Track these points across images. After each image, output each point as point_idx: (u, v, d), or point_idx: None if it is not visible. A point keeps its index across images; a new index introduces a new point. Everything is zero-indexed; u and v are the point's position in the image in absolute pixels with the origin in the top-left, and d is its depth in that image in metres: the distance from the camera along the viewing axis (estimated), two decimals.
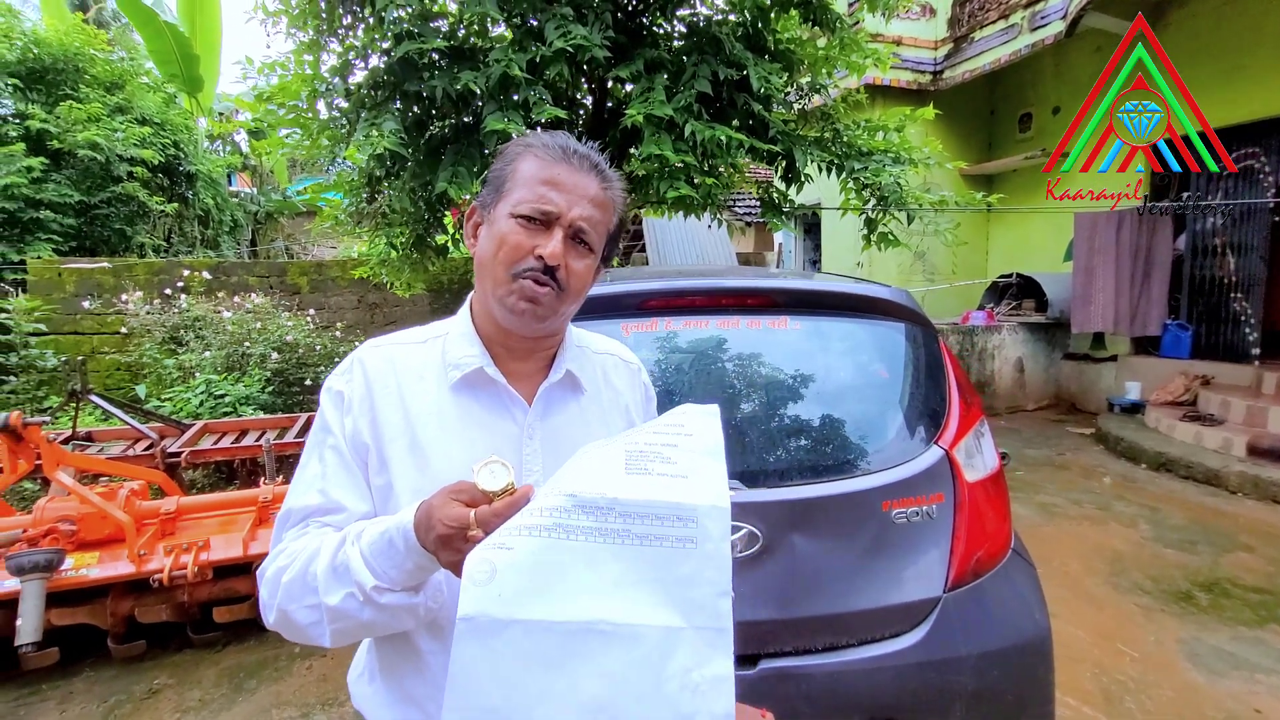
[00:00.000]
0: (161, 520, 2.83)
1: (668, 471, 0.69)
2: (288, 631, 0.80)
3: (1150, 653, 2.73)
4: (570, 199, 0.84)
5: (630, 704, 0.63)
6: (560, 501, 0.65)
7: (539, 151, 0.85)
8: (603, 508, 0.65)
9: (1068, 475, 5.15)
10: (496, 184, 0.87)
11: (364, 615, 0.74)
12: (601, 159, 0.89)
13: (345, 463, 0.84)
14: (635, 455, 0.71)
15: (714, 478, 0.69)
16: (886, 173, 4.43)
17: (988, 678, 1.40)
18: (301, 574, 0.77)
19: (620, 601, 0.64)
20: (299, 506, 0.84)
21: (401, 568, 0.73)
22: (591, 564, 0.64)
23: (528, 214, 0.83)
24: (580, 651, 0.63)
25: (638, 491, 0.66)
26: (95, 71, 10.19)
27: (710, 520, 0.66)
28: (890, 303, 1.64)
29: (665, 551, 0.65)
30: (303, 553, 0.79)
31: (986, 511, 1.50)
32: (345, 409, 0.86)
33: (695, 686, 0.63)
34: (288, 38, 4.18)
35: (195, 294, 7.27)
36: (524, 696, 0.62)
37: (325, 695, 2.54)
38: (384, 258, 6.27)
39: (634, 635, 0.63)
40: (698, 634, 0.65)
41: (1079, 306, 6.83)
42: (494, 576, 0.62)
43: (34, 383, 6.48)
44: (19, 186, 8.68)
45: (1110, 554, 3.69)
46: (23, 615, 2.34)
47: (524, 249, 0.83)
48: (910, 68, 8.30)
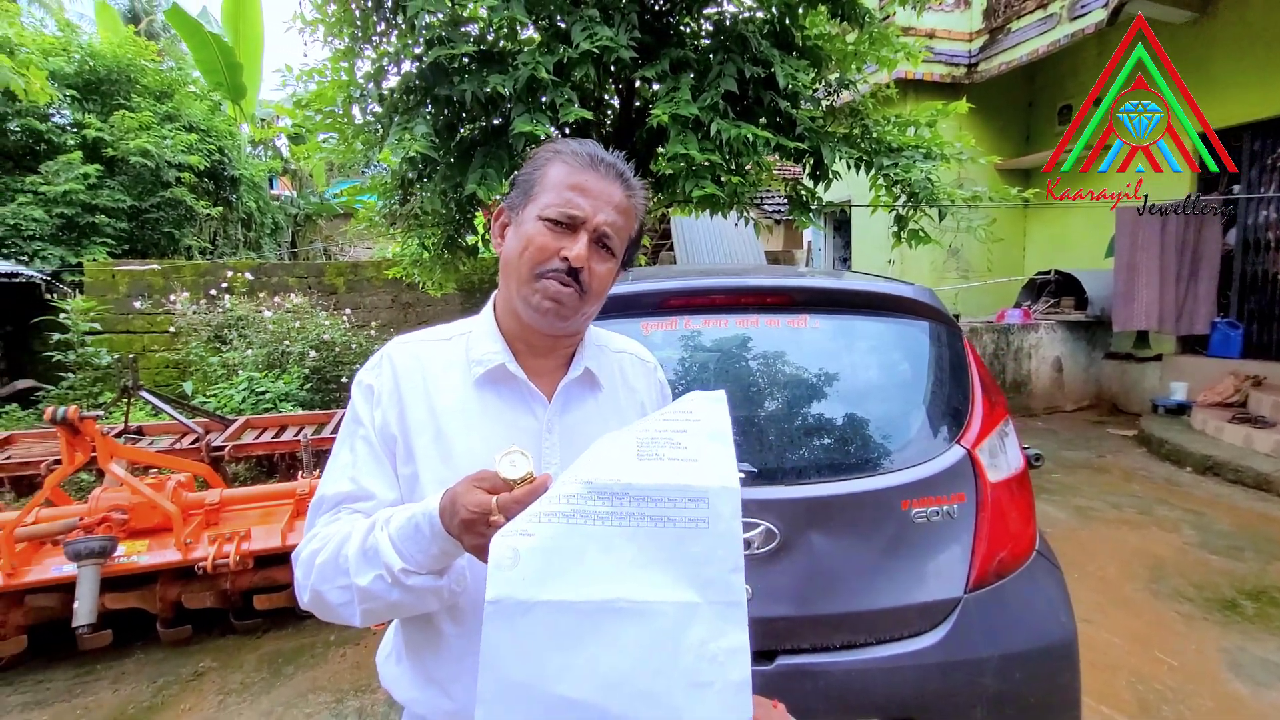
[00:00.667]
0: (206, 511, 2.96)
1: (678, 456, 0.72)
2: (320, 611, 0.85)
3: (1190, 662, 2.64)
4: (596, 204, 0.87)
5: (650, 676, 0.66)
6: (577, 489, 0.69)
7: (568, 158, 0.89)
8: (617, 493, 0.68)
9: (1107, 478, 4.99)
10: (525, 187, 0.91)
11: (392, 596, 0.78)
12: (627, 167, 0.92)
13: (375, 453, 0.89)
14: (646, 442, 0.74)
15: (723, 460, 0.72)
16: (917, 169, 4.36)
17: (1010, 680, 1.39)
18: (334, 556, 0.81)
19: (637, 581, 0.67)
20: (331, 494, 0.89)
21: (427, 552, 0.76)
22: (609, 546, 0.67)
23: (555, 217, 0.86)
24: (601, 628, 0.66)
25: (650, 476, 0.69)
26: (146, 81, 10.64)
27: (720, 501, 0.68)
28: (913, 301, 1.63)
29: (678, 532, 0.68)
30: (335, 536, 0.83)
31: (1010, 512, 1.48)
32: (375, 402, 0.90)
33: (713, 657, 0.66)
34: (324, 45, 4.31)
35: (238, 294, 7.55)
36: (550, 672, 0.65)
37: (359, 682, 2.63)
38: (416, 258, 6.41)
39: (652, 612, 0.67)
40: (713, 609, 0.67)
41: (1121, 304, 6.60)
42: (517, 561, 0.66)
43: (90, 379, 6.81)
44: (77, 193, 9.13)
45: (1150, 559, 3.57)
46: (79, 598, 2.48)
47: (550, 250, 0.86)
48: (944, 61, 8.12)
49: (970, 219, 4.72)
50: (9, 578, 2.58)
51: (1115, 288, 6.65)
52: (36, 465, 3.76)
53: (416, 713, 0.94)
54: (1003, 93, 8.29)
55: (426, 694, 0.90)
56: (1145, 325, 6.52)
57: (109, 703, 2.57)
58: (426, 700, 0.91)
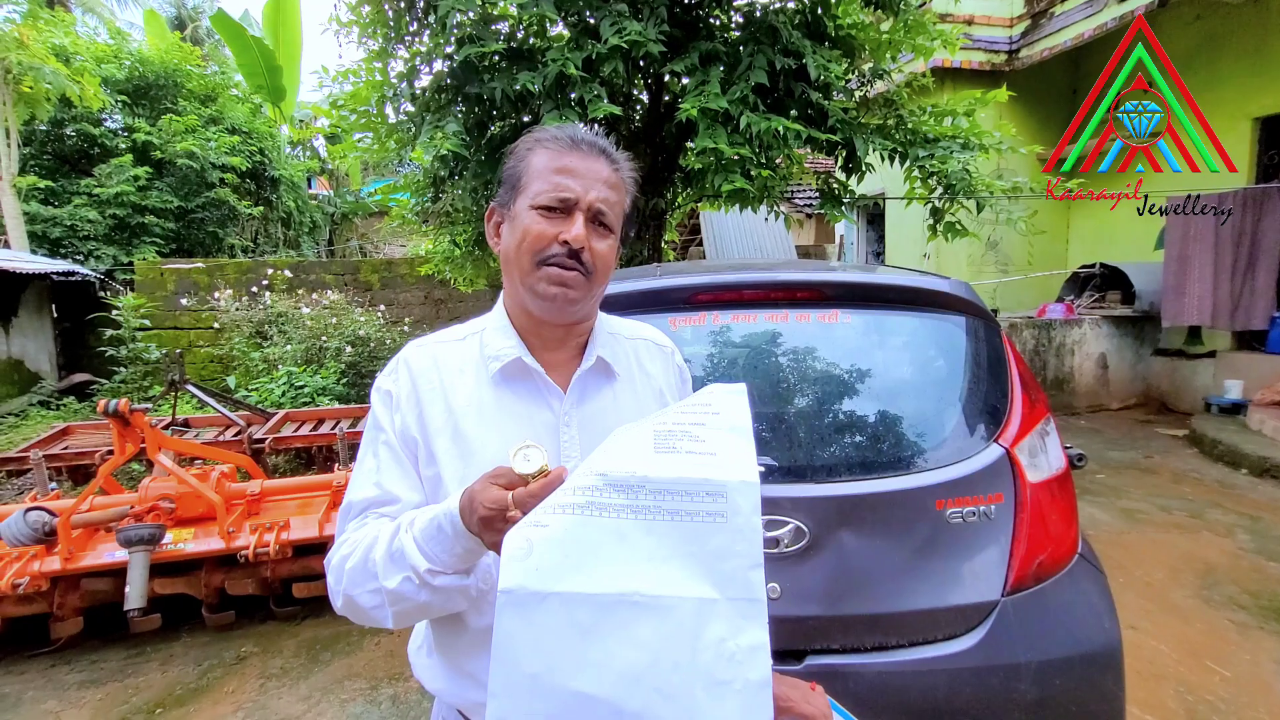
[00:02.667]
0: (248, 501, 3.06)
1: (696, 449, 0.71)
2: (354, 615, 0.86)
3: (1244, 673, 2.52)
4: (585, 183, 0.86)
5: (667, 672, 0.64)
6: (592, 481, 0.68)
7: (548, 144, 0.89)
8: (634, 486, 0.67)
9: (1155, 479, 4.79)
10: (512, 181, 0.91)
11: (421, 597, 0.79)
12: (608, 143, 0.92)
13: (397, 457, 0.90)
14: (664, 435, 0.72)
15: (742, 454, 0.70)
16: (954, 159, 4.24)
17: (1050, 687, 1.34)
18: (363, 561, 0.82)
19: (654, 574, 0.66)
20: (358, 500, 0.90)
21: (451, 551, 0.77)
22: (624, 539, 0.66)
23: (547, 203, 0.86)
24: (616, 622, 0.64)
25: (667, 469, 0.68)
26: (191, 86, 11.02)
27: (740, 495, 0.67)
28: (949, 295, 1.59)
29: (696, 526, 0.66)
30: (363, 541, 0.84)
31: (1050, 514, 1.43)
32: (394, 407, 0.91)
33: (731, 655, 0.65)
34: (359, 46, 4.40)
35: (278, 291, 7.78)
36: (564, 665, 0.64)
37: (392, 670, 2.69)
38: (448, 255, 6.52)
39: (668, 606, 0.65)
40: (731, 605, 0.66)
41: (1171, 298, 6.32)
42: (531, 552, 0.65)
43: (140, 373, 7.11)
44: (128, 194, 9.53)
45: (1202, 565, 3.42)
46: (130, 583, 2.59)
47: (547, 236, 0.86)
48: (983, 48, 7.87)
49: (1010, 211, 4.58)
50: (67, 562, 2.71)
51: (1165, 281, 6.37)
52: (91, 455, 3.94)
53: (448, 702, 0.95)
54: (1045, 80, 8.00)
55: (457, 685, 0.91)
56: (1197, 320, 6.23)
57: (158, 683, 2.68)
58: (457, 691, 0.92)
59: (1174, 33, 6.90)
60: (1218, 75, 6.44)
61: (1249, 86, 6.26)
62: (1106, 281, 7.44)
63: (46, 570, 2.68)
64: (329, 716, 2.43)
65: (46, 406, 7.36)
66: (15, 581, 2.59)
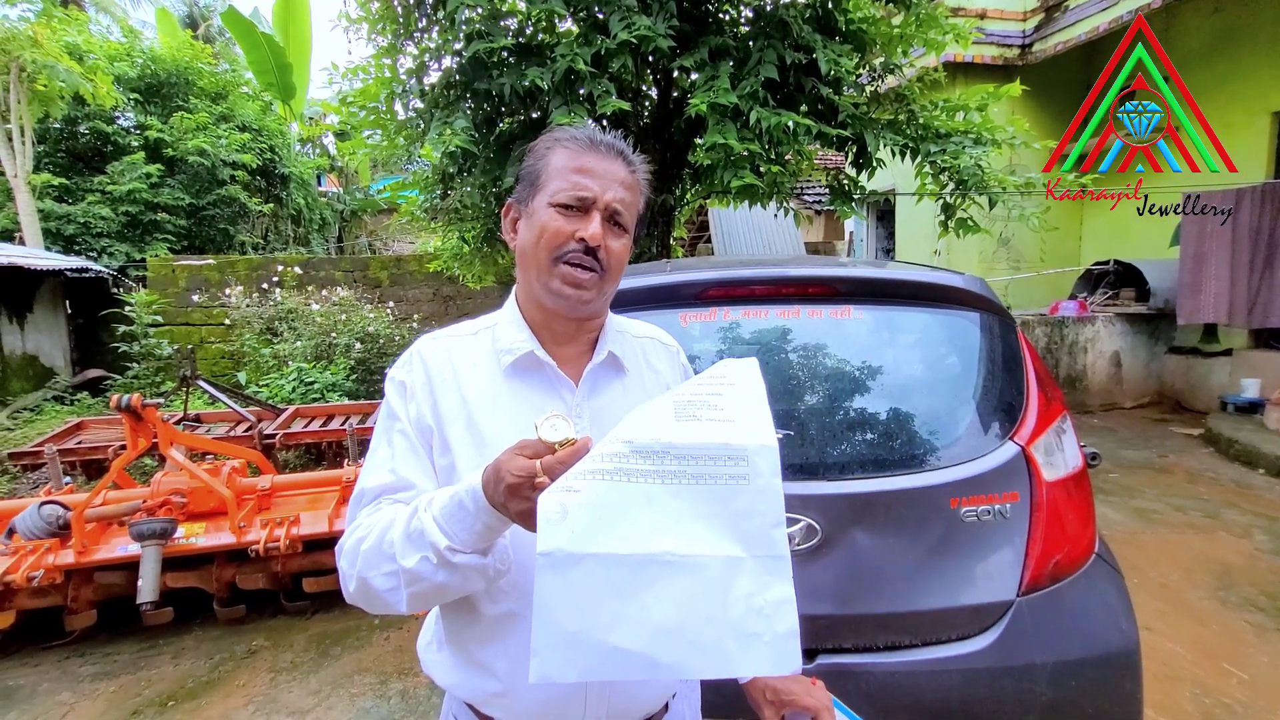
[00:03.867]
0: (258, 496, 3.08)
1: (716, 417, 0.74)
2: (366, 600, 0.85)
3: (1262, 675, 2.48)
4: (603, 183, 0.88)
5: (700, 625, 0.68)
6: (619, 448, 0.70)
7: (568, 144, 0.91)
8: (658, 452, 0.70)
9: (1170, 479, 4.73)
10: (530, 179, 0.93)
11: (438, 577, 0.78)
12: (625, 145, 0.94)
13: (412, 445, 0.90)
14: (683, 405, 0.75)
15: (760, 419, 0.73)
16: (966, 155, 4.19)
17: (1066, 689, 1.32)
18: (378, 543, 0.82)
19: (682, 535, 0.69)
20: (372, 486, 0.89)
21: (471, 529, 0.77)
22: (652, 503, 0.69)
23: (565, 201, 0.88)
24: (649, 580, 0.68)
25: (690, 436, 0.71)
26: (203, 83, 11.08)
27: (760, 458, 0.70)
28: (963, 291, 1.56)
29: (720, 488, 0.70)
30: (378, 524, 0.84)
31: (1067, 513, 1.41)
32: (409, 396, 0.92)
33: (760, 609, 0.68)
34: (368, 43, 4.41)
35: (288, 288, 7.82)
36: (602, 621, 0.67)
37: (401, 665, 2.70)
38: (457, 252, 6.53)
39: (698, 565, 0.69)
40: (757, 562, 0.69)
41: (1187, 295, 6.23)
42: (566, 515, 0.67)
43: (153, 369, 7.17)
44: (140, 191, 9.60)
45: (1218, 566, 3.37)
46: (143, 576, 2.61)
47: (565, 234, 0.88)
48: (995, 42, 7.78)
49: (1023, 207, 4.52)
50: (80, 555, 2.73)
51: (1181, 278, 6.28)
52: (105, 450, 3.98)
53: (459, 697, 0.94)
54: (1059, 74, 7.90)
55: (469, 676, 0.91)
56: (1214, 318, 6.14)
57: (170, 676, 2.70)
58: (470, 683, 0.91)
59: (1192, 26, 6.80)
60: (1237, 69, 6.34)
61: (1268, 81, 6.15)
62: (1120, 279, 7.35)
63: (61, 563, 2.71)
64: (339, 710, 2.44)
65: (60, 401, 7.45)
66: (30, 574, 2.62)
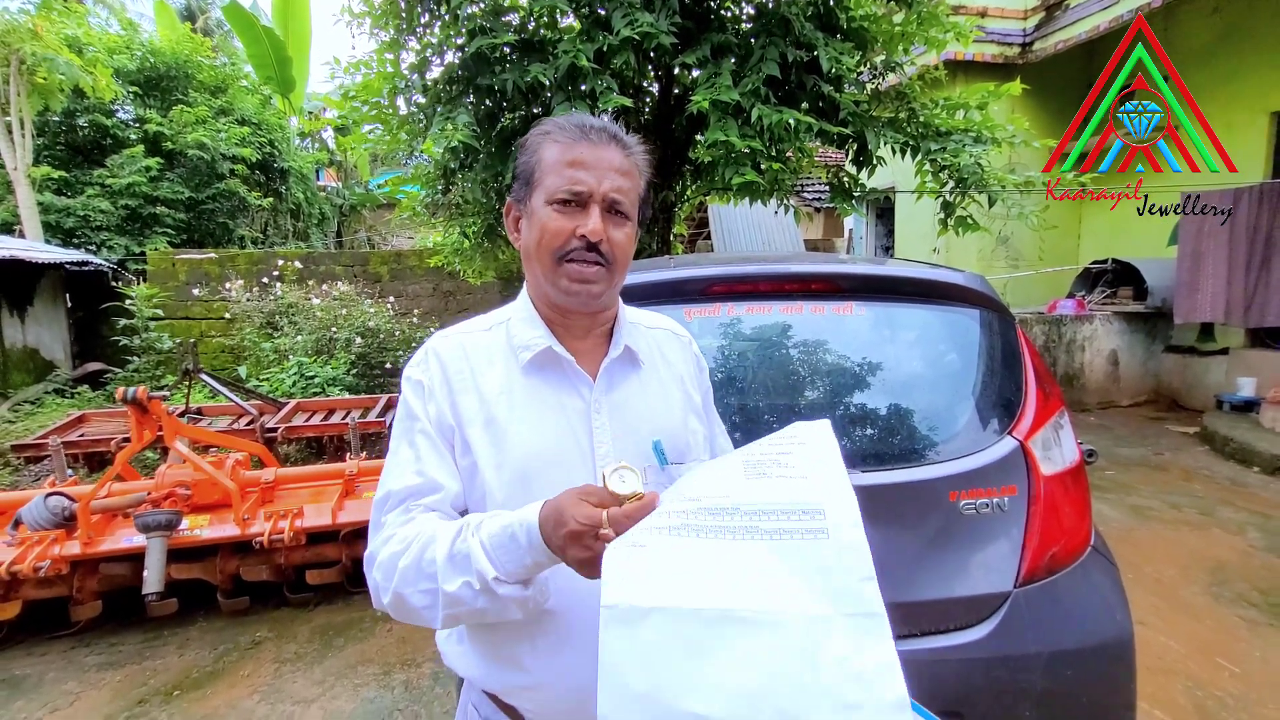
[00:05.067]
0: (262, 489, 3.10)
1: (787, 474, 0.70)
2: (400, 612, 0.84)
3: (1254, 669, 2.52)
4: (598, 174, 0.87)
5: (791, 692, 0.61)
6: (686, 505, 0.68)
7: (557, 136, 0.89)
8: (728, 509, 0.67)
9: (1166, 476, 4.77)
10: (525, 177, 0.91)
11: (479, 604, 0.77)
12: (618, 129, 0.91)
13: (435, 445, 0.90)
14: (753, 464, 0.72)
15: (834, 476, 0.70)
16: (966, 153, 4.21)
17: (1061, 678, 1.35)
18: (417, 560, 0.80)
19: (759, 591, 0.64)
20: (398, 488, 0.88)
21: (520, 562, 0.76)
22: (725, 559, 0.65)
23: (562, 198, 0.86)
24: (725, 639, 0.62)
25: (761, 494, 0.68)
26: (202, 77, 11.05)
27: (838, 511, 0.66)
28: (963, 288, 1.59)
29: (798, 544, 0.65)
30: (417, 539, 0.82)
31: (1064, 506, 1.43)
32: (428, 396, 0.91)
33: (859, 675, 0.61)
34: (370, 37, 4.41)
35: (288, 282, 7.82)
36: (674, 683, 0.61)
37: (404, 656, 2.73)
38: (458, 247, 6.53)
39: (779, 623, 0.63)
40: (848, 620, 0.63)
41: (1184, 294, 6.26)
42: (632, 568, 0.65)
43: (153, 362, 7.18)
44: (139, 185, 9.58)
45: (1212, 562, 3.41)
46: (148, 567, 2.64)
47: (565, 232, 0.87)
48: (996, 40, 7.79)
49: (1022, 205, 4.54)
50: (86, 546, 2.75)
51: (1178, 277, 6.31)
52: (107, 443, 3.99)
53: (483, 687, 0.94)
54: (1059, 73, 7.91)
55: (495, 669, 0.91)
56: (1210, 317, 6.18)
57: (175, 666, 2.73)
58: (497, 676, 0.91)
59: (1192, 25, 6.81)
60: (1236, 69, 6.36)
61: (1268, 80, 6.17)
62: (1118, 277, 7.38)
63: (66, 554, 2.74)
64: (343, 700, 2.47)
65: (61, 394, 7.45)
66: (37, 565, 2.64)
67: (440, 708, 2.40)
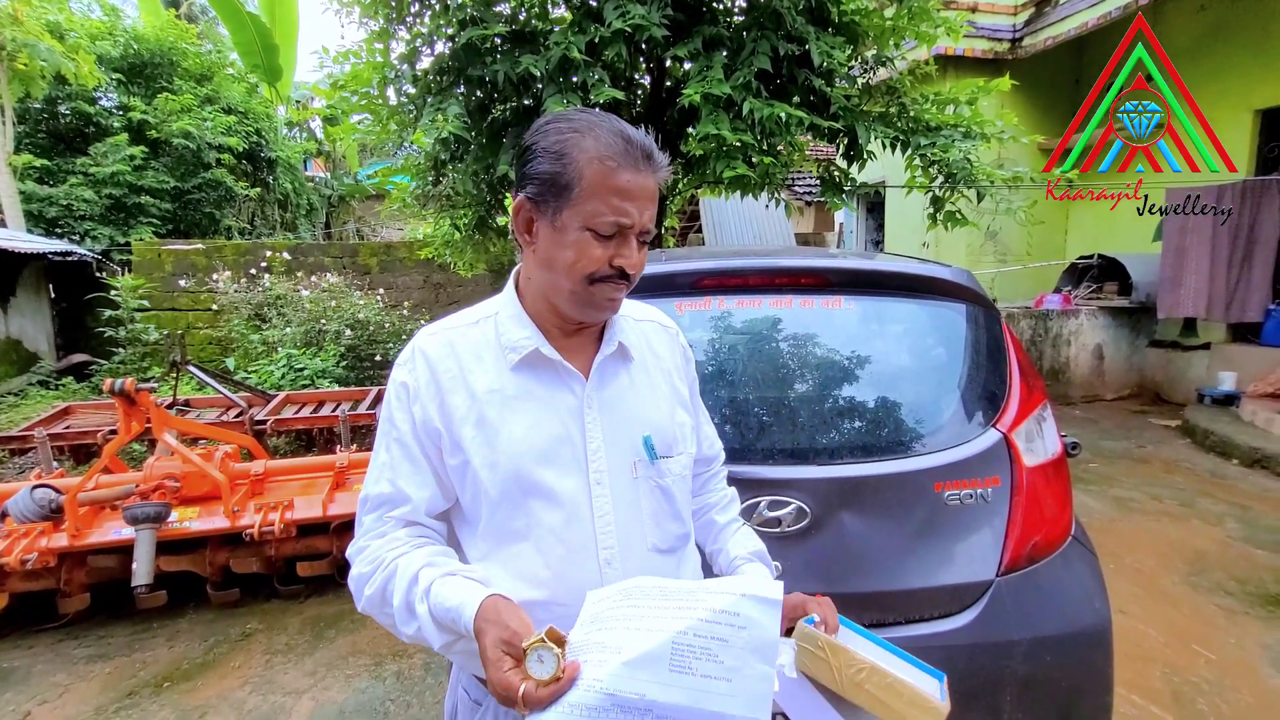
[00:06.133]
0: (251, 481, 3.09)
1: (711, 673, 0.70)
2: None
3: (1229, 656, 2.59)
4: (640, 206, 0.85)
5: None
6: (598, 700, 0.68)
7: (606, 159, 0.83)
8: (640, 709, 0.68)
9: (1148, 469, 4.86)
10: (557, 185, 0.84)
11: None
12: (653, 145, 0.88)
13: (409, 454, 0.92)
14: (683, 648, 0.71)
15: (758, 684, 0.70)
16: (956, 148, 4.24)
17: (1041, 664, 1.39)
18: (381, 592, 0.87)
19: None
20: (373, 494, 0.93)
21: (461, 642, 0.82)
22: None
23: (605, 231, 0.84)
24: None
25: (677, 695, 0.68)
26: (187, 64, 10.87)
27: None
28: (950, 283, 1.61)
29: None
30: (381, 569, 0.88)
31: (1045, 497, 1.47)
32: (411, 398, 0.92)
33: None
34: (360, 26, 4.36)
35: (277, 274, 7.75)
36: None
37: (396, 647, 2.74)
38: (448, 239, 6.49)
39: None
40: None
41: (1167, 290, 6.36)
42: None
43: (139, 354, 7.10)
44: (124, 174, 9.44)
45: (1191, 552, 3.48)
46: (137, 559, 2.62)
47: (601, 260, 0.86)
48: (986, 35, 7.82)
49: (1010, 200, 4.59)
50: (73, 539, 2.74)
51: (1162, 272, 6.40)
52: (93, 435, 3.96)
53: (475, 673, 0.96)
54: (1048, 69, 7.97)
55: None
56: (1193, 312, 6.27)
57: (165, 658, 2.72)
58: None
59: (1179, 23, 6.87)
60: (1222, 66, 6.43)
61: (1252, 78, 6.25)
62: (1104, 272, 7.47)
63: (54, 547, 2.72)
64: (335, 690, 2.48)
65: (45, 386, 7.36)
66: (24, 557, 2.62)
67: (432, 698, 2.42)
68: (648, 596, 0.75)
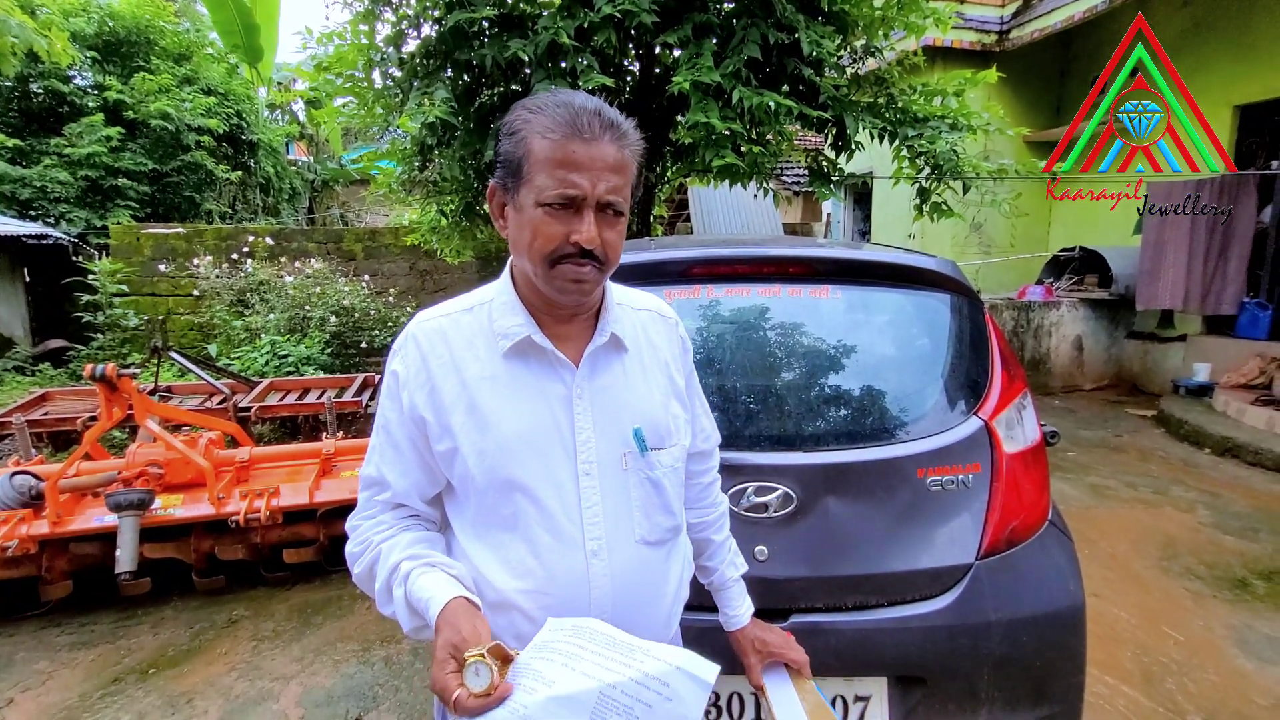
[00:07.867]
0: (236, 468, 3.07)
1: None
2: None
3: (1197, 637, 2.68)
4: (592, 176, 0.82)
5: None
6: None
7: (549, 130, 0.82)
8: None
9: (1123, 457, 4.98)
10: (511, 167, 0.85)
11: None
12: (613, 114, 0.85)
13: (394, 442, 0.95)
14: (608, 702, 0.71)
15: None
16: (942, 140, 4.27)
17: (1017, 644, 1.43)
18: (367, 573, 0.94)
19: None
20: (366, 474, 0.98)
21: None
22: None
23: (553, 201, 0.82)
24: None
25: None
26: (165, 43, 10.59)
27: None
28: (934, 273, 1.63)
29: None
30: (368, 550, 0.94)
31: (1024, 483, 1.50)
32: (401, 386, 0.93)
33: None
34: (345, 7, 4.28)
35: (259, 259, 7.63)
36: None
37: (384, 632, 2.75)
38: (435, 225, 6.43)
39: None
40: None
41: (1146, 282, 6.47)
42: None
43: (118, 340, 6.97)
44: (100, 155, 9.20)
45: (1162, 538, 3.59)
46: (120, 546, 2.61)
47: (557, 236, 0.83)
48: (974, 27, 7.85)
49: (995, 193, 4.63)
50: (55, 526, 2.71)
51: (1141, 265, 6.52)
52: (73, 421, 3.90)
53: None
54: (1034, 62, 8.02)
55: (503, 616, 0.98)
56: (1170, 304, 6.40)
57: (149, 645, 2.71)
58: None
59: (1163, 19, 6.93)
60: (1203, 63, 6.51)
61: (1231, 74, 6.34)
62: (1085, 265, 7.58)
63: (34, 533, 2.69)
64: (323, 676, 2.49)
65: (21, 372, 7.21)
66: (3, 544, 2.59)
67: (420, 682, 2.43)
68: (593, 641, 0.78)
